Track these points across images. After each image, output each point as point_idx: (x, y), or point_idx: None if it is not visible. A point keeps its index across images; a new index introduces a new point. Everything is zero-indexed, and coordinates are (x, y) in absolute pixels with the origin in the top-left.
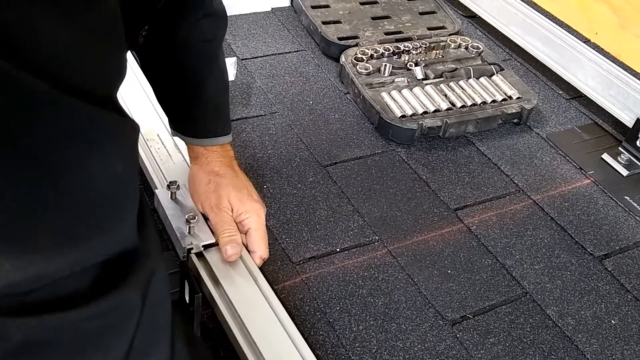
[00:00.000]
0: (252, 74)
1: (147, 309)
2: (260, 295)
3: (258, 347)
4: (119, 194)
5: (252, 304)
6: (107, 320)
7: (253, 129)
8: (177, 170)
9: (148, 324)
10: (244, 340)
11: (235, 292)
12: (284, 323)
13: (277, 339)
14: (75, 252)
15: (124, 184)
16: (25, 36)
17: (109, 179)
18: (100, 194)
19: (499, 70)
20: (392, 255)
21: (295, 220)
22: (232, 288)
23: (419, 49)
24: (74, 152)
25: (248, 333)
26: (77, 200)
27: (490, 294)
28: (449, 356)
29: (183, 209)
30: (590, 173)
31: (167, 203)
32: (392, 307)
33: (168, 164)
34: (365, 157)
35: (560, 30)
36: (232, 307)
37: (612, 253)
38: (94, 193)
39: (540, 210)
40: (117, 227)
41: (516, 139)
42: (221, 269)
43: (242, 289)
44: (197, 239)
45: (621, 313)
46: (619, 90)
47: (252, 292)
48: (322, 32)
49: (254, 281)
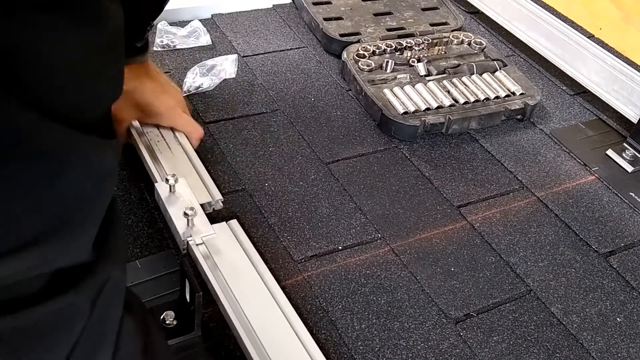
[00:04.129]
0: (254, 71)
1: (96, 313)
2: (263, 286)
3: (260, 339)
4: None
5: (254, 295)
6: (55, 320)
7: (254, 127)
8: (177, 163)
9: (94, 328)
10: (244, 333)
11: (237, 282)
12: (287, 315)
13: (280, 332)
14: (30, 260)
15: (91, 202)
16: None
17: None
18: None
19: (502, 66)
20: (394, 253)
21: (297, 218)
22: (234, 278)
23: (421, 45)
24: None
25: (250, 325)
26: (41, 214)
27: (494, 292)
28: (453, 354)
29: (182, 202)
30: (594, 169)
31: (167, 196)
32: (395, 305)
33: (167, 156)
34: (368, 154)
35: (563, 26)
36: (233, 298)
37: (617, 250)
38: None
39: (545, 207)
40: (77, 240)
41: (520, 136)
42: (222, 259)
43: (244, 279)
44: (196, 231)
45: (627, 310)
46: (623, 85)
47: (255, 283)
48: (324, 29)
49: (257, 272)
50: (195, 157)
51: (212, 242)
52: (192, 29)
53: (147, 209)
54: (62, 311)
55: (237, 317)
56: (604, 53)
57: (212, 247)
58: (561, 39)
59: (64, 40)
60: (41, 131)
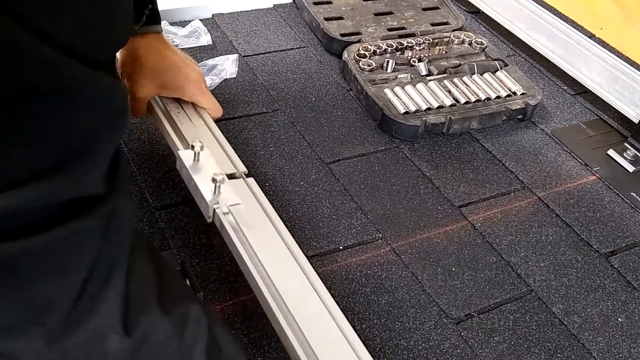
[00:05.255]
0: (254, 71)
1: (107, 242)
2: (289, 256)
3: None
4: (98, 146)
5: (280, 263)
6: (67, 247)
7: (255, 127)
8: (198, 133)
9: (105, 262)
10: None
11: (263, 250)
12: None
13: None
14: (44, 189)
15: (104, 138)
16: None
17: (91, 132)
18: (81, 144)
19: (503, 66)
20: (395, 253)
21: (297, 218)
22: (261, 246)
23: (422, 45)
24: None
25: (277, 292)
26: (55, 145)
27: (495, 292)
28: (454, 355)
29: (207, 170)
30: (595, 169)
31: (191, 164)
32: (396, 305)
33: (188, 127)
34: (368, 154)
35: (565, 26)
36: (260, 266)
37: (618, 250)
38: (75, 142)
39: (546, 207)
40: (90, 173)
41: (521, 135)
42: (248, 227)
43: (271, 247)
44: (223, 199)
45: (628, 310)
46: (624, 85)
47: (282, 252)
48: (325, 29)
49: (282, 241)
50: (216, 129)
51: (239, 211)
52: (192, 28)
53: (147, 208)
54: (74, 236)
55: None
56: (605, 53)
57: (239, 216)
58: (562, 39)
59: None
60: (61, 67)
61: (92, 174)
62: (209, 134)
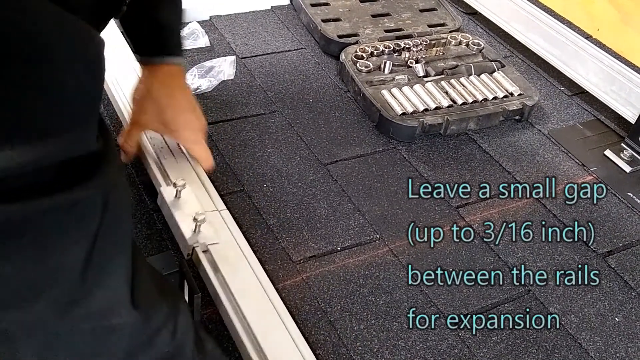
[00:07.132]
0: (252, 72)
1: (108, 215)
2: (263, 293)
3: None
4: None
5: (255, 301)
6: (70, 216)
7: (253, 128)
8: (181, 169)
9: (107, 235)
10: (245, 336)
11: (239, 289)
12: (284, 320)
13: (278, 335)
14: (42, 147)
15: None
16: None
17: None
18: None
19: (500, 67)
20: (393, 253)
21: (295, 219)
22: (237, 285)
23: (419, 46)
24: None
25: (250, 329)
26: (50, 98)
27: (493, 292)
28: (451, 355)
29: (188, 207)
30: (592, 170)
31: (173, 201)
32: (394, 305)
33: (171, 163)
34: (366, 155)
35: (561, 27)
36: (235, 304)
37: (615, 250)
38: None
39: (543, 207)
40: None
41: (518, 136)
42: (225, 266)
43: (246, 285)
44: (203, 237)
45: (625, 310)
46: (621, 86)
47: (256, 290)
48: (322, 30)
49: (257, 279)
50: (197, 166)
51: (216, 250)
52: (190, 30)
53: (145, 210)
54: (75, 207)
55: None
56: (601, 54)
57: (217, 254)
58: (559, 40)
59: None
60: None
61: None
62: (191, 169)
